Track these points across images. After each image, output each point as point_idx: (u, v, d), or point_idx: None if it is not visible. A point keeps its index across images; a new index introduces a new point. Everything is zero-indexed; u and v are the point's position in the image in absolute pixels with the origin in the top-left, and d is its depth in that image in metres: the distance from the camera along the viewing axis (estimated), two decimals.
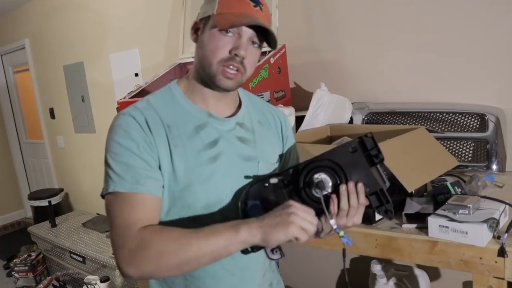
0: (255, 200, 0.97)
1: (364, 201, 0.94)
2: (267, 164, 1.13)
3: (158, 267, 0.89)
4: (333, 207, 0.93)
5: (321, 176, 0.94)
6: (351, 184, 0.93)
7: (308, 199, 0.95)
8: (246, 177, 1.07)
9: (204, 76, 1.03)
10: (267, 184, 0.97)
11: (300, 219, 0.86)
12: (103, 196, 0.99)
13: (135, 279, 0.92)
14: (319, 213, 0.94)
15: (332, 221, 0.93)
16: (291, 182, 0.97)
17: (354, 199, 0.93)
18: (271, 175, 0.99)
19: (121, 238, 0.93)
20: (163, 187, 1.00)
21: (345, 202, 0.93)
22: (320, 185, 0.93)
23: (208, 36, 1.00)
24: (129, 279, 0.94)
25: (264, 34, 1.01)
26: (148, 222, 0.95)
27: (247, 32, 0.98)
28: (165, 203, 1.02)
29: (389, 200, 0.95)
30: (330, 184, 0.94)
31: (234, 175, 1.06)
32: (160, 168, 0.99)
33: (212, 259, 0.91)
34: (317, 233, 1.04)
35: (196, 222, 1.02)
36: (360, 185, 0.93)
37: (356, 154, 0.96)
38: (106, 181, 0.98)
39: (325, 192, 0.94)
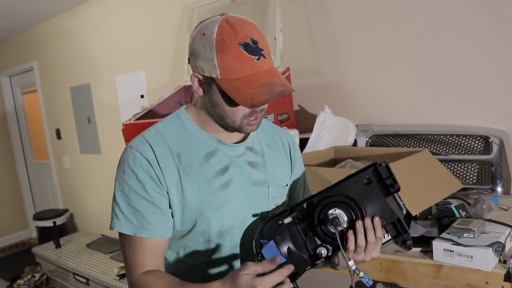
0: (270, 240, 0.95)
1: (381, 235, 0.92)
2: (277, 187, 1.13)
3: None
4: (350, 243, 0.91)
5: (336, 211, 0.92)
6: (367, 220, 0.90)
7: (324, 236, 0.93)
8: (253, 214, 1.08)
9: (224, 126, 1.04)
10: (280, 222, 0.96)
11: None
12: (111, 228, 1.04)
13: None
14: (336, 249, 0.93)
15: (350, 263, 0.91)
16: (305, 218, 0.95)
17: (371, 235, 0.91)
18: (283, 212, 0.98)
19: (128, 279, 1.03)
20: (173, 222, 1.03)
21: (362, 238, 0.90)
22: (335, 221, 0.91)
23: (223, 99, 0.98)
24: None
25: None
26: (150, 266, 1.00)
27: None
28: (179, 230, 1.04)
29: (406, 230, 0.93)
30: (346, 219, 0.92)
31: (245, 200, 1.07)
32: (170, 204, 1.01)
33: None
34: (334, 266, 1.03)
35: (210, 248, 1.05)
36: (376, 219, 0.91)
37: (370, 185, 0.93)
38: (113, 218, 1.02)
39: (340, 228, 0.91)
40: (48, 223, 4.39)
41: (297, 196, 1.23)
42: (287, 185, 1.19)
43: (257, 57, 0.93)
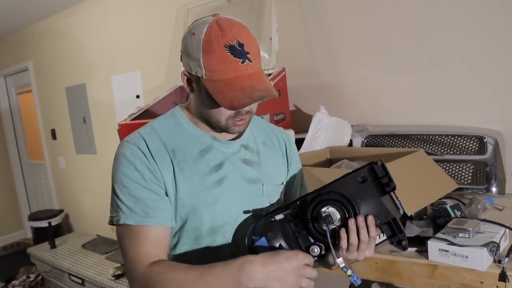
0: (262, 237, 0.94)
1: (375, 234, 0.91)
2: (272, 185, 1.13)
3: None
4: (343, 242, 0.90)
5: (329, 209, 0.91)
6: (360, 219, 0.90)
7: (316, 233, 0.92)
8: (246, 211, 1.07)
9: (212, 125, 1.05)
10: (273, 219, 0.95)
11: (308, 283, 0.85)
12: (111, 224, 1.01)
13: None
14: (329, 247, 0.91)
15: (339, 260, 0.89)
16: (299, 215, 0.95)
17: (364, 233, 0.90)
18: (278, 209, 0.97)
19: (132, 274, 0.96)
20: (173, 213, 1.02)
21: (355, 237, 0.90)
22: (328, 219, 0.90)
23: (207, 97, 0.98)
24: None
25: None
26: (156, 257, 0.96)
27: None
28: (172, 226, 1.03)
29: (402, 230, 0.92)
30: (339, 217, 0.91)
31: (239, 198, 1.07)
32: (167, 195, 1.01)
33: None
34: (328, 266, 1.02)
35: (201, 244, 1.05)
36: (370, 218, 0.90)
37: (365, 183, 0.92)
38: (116, 212, 1.00)
39: (333, 226, 0.90)
40: (43, 224, 4.38)
41: (294, 194, 1.23)
42: (282, 183, 1.19)
43: (242, 60, 0.94)
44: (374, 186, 0.92)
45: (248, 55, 0.94)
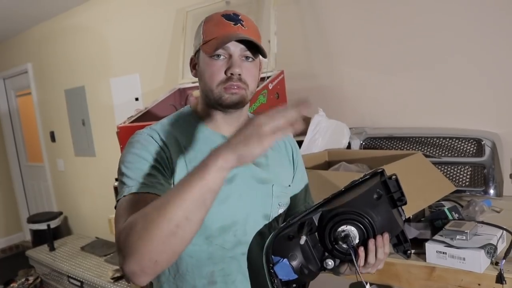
0: (282, 258, 0.94)
1: (388, 251, 0.93)
2: (280, 187, 1.14)
3: (152, 242, 0.76)
4: (361, 260, 0.91)
5: (347, 227, 0.92)
6: (379, 239, 0.91)
7: (336, 252, 0.93)
8: (258, 212, 1.08)
9: (211, 103, 1.05)
10: (291, 236, 0.95)
11: (270, 127, 0.78)
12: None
13: (144, 279, 0.79)
14: (344, 261, 0.95)
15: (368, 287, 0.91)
16: (316, 230, 0.95)
17: (381, 252, 0.92)
18: (292, 224, 0.96)
19: (117, 229, 0.84)
20: None
21: (373, 257, 0.91)
22: (348, 240, 0.90)
23: (203, 66, 1.03)
24: (138, 280, 0.78)
25: (255, 47, 1.02)
26: None
27: (236, 50, 1.00)
28: None
29: (407, 240, 0.94)
30: (357, 235, 0.92)
31: (249, 196, 1.07)
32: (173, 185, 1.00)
33: (201, 207, 0.80)
34: (338, 274, 1.03)
35: (210, 243, 1.04)
36: (386, 236, 0.92)
37: (380, 199, 0.93)
38: (121, 189, 0.93)
39: (352, 245, 0.91)
40: (42, 226, 4.38)
41: (298, 200, 1.24)
42: (289, 185, 1.20)
43: (234, 23, 1.02)
44: (387, 200, 0.93)
45: (242, 22, 1.02)
